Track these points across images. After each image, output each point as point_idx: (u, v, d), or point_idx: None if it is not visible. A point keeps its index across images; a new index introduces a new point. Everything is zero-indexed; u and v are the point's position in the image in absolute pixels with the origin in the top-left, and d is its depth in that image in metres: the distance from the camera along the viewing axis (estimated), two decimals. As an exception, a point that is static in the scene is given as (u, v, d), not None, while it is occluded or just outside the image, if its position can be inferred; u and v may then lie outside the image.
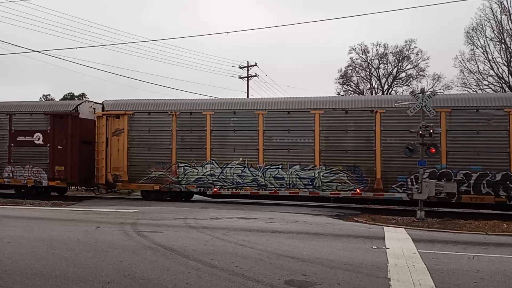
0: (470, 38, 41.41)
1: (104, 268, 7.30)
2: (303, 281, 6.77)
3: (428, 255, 8.66)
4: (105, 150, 19.34)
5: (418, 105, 14.65)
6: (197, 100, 19.83)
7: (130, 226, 11.74)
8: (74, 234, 10.33)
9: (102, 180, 19.41)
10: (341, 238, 10.54)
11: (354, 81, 54.61)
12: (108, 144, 19.39)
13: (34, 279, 6.70)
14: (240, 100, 19.51)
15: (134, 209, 15.90)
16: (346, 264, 7.77)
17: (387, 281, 6.83)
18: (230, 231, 11.12)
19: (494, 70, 40.96)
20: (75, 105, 20.39)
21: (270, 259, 8.03)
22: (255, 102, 18.93)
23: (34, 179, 20.13)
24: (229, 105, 18.66)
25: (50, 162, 19.87)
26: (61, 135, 19.81)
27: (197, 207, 16.69)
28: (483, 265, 7.99)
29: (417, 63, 51.68)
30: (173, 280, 6.66)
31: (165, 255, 8.29)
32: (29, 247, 8.86)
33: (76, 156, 19.65)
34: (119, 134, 19.31)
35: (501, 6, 39.35)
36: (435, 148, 14.60)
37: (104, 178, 19.36)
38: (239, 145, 18.27)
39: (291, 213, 15.28)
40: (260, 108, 18.25)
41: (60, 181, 19.85)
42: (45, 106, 21.28)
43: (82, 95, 54.65)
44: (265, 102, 18.57)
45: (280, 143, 17.89)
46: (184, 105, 19.12)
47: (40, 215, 14.22)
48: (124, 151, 19.20)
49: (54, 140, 19.83)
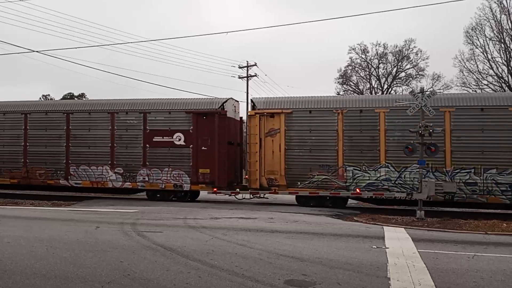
0: (469, 37, 41.49)
1: (104, 268, 7.30)
2: (303, 280, 6.77)
3: (428, 255, 8.66)
4: (259, 152, 18.00)
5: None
6: (367, 97, 18.75)
7: (129, 226, 11.74)
8: (74, 234, 10.33)
9: (255, 184, 17.96)
10: (341, 238, 10.54)
11: (354, 81, 54.73)
12: (262, 145, 18.04)
13: (34, 279, 6.70)
14: None
15: (134, 209, 15.90)
16: (346, 264, 7.77)
17: (387, 281, 6.83)
18: (230, 231, 11.12)
19: (494, 70, 41.04)
20: (221, 103, 18.93)
21: (270, 259, 8.03)
22: (439, 98, 17.04)
23: (174, 183, 18.74)
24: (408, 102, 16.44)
25: (193, 164, 18.55)
26: (205, 135, 18.53)
27: (197, 207, 16.69)
28: (482, 265, 8.00)
29: (416, 63, 51.85)
30: (172, 280, 6.66)
31: (165, 255, 8.29)
32: (29, 247, 8.85)
33: (223, 158, 18.47)
34: (274, 134, 17.90)
35: (501, 6, 39.43)
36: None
37: (258, 182, 17.89)
38: None
39: (291, 213, 15.28)
40: (445, 105, 16.54)
41: (205, 185, 18.50)
42: (185, 104, 19.36)
43: (82, 95, 54.68)
44: (452, 99, 17.01)
45: (471, 144, 16.20)
46: (351, 103, 17.84)
47: (40, 215, 14.22)
48: (280, 153, 17.74)
49: (198, 141, 18.57)
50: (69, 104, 22.72)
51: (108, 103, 20.26)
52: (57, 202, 18.38)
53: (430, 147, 14.55)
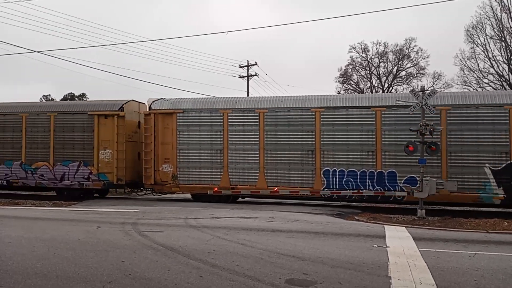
0: (470, 36, 41.44)
1: (105, 268, 7.31)
2: (304, 280, 6.77)
3: (429, 254, 8.66)
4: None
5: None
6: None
7: (131, 225, 11.75)
8: (75, 234, 10.35)
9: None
10: (342, 237, 10.54)
11: (354, 80, 54.67)
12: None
13: (36, 279, 6.71)
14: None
15: (135, 208, 15.92)
16: (347, 263, 7.77)
17: (388, 280, 6.83)
18: (231, 230, 11.13)
19: (494, 68, 41.00)
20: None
21: (271, 258, 8.04)
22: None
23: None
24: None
25: None
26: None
27: (198, 207, 16.70)
28: (483, 263, 7.99)
29: (417, 62, 51.73)
30: (174, 280, 6.67)
31: (166, 254, 8.30)
32: (30, 247, 8.87)
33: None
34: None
35: (501, 4, 39.38)
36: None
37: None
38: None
39: (292, 212, 15.27)
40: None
41: None
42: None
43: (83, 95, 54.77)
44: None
45: None
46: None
47: (41, 215, 14.23)
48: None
49: None
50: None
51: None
52: (58, 202, 18.41)
53: (430, 146, 14.56)
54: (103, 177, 19.34)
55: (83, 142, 19.69)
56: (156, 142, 18.72)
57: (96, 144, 19.44)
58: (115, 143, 19.21)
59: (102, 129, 19.42)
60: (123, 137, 19.26)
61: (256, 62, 44.77)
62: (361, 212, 16.04)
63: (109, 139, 19.32)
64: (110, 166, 19.25)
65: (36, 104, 22.80)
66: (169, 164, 18.58)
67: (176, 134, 18.53)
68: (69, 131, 19.82)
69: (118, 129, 19.20)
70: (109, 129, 19.32)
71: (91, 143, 19.51)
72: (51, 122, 19.98)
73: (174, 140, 18.52)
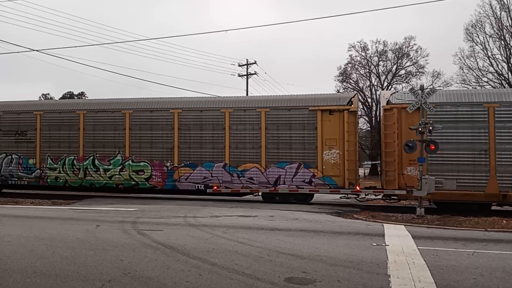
0: (469, 34, 41.51)
1: (104, 267, 7.31)
2: (303, 278, 6.77)
3: (427, 252, 8.67)
4: None
5: None
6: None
7: (130, 224, 11.75)
8: (74, 233, 10.34)
9: None
10: (341, 236, 10.55)
11: (354, 79, 54.67)
12: None
13: (35, 278, 6.70)
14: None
15: (134, 207, 15.91)
16: (346, 261, 7.78)
17: (387, 278, 6.83)
18: (230, 229, 11.13)
19: (494, 67, 41.06)
20: None
21: (270, 257, 8.04)
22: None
23: None
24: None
25: None
26: None
27: (197, 205, 16.70)
28: (482, 262, 8.00)
29: (416, 60, 51.78)
30: (173, 278, 6.67)
31: (165, 253, 8.30)
32: (29, 246, 8.86)
33: None
34: None
35: (501, 3, 39.43)
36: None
37: None
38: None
39: (291, 211, 15.29)
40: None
41: None
42: None
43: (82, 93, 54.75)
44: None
45: None
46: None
47: (40, 214, 14.22)
48: None
49: None
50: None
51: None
52: (57, 201, 18.41)
53: (430, 144, 14.57)
54: (329, 180, 17.52)
55: (303, 141, 17.82)
56: (398, 142, 16.69)
57: (320, 143, 17.58)
58: (345, 142, 17.28)
59: (326, 126, 17.66)
60: (355, 135, 17.63)
61: (256, 61, 44.81)
62: (360, 211, 16.05)
63: (335, 137, 17.49)
64: (337, 169, 17.43)
65: (240, 99, 19.96)
66: (414, 166, 16.33)
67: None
68: (285, 129, 18.03)
69: (348, 126, 17.34)
70: (334, 126, 17.53)
71: (313, 142, 17.67)
72: (262, 119, 18.17)
73: None
